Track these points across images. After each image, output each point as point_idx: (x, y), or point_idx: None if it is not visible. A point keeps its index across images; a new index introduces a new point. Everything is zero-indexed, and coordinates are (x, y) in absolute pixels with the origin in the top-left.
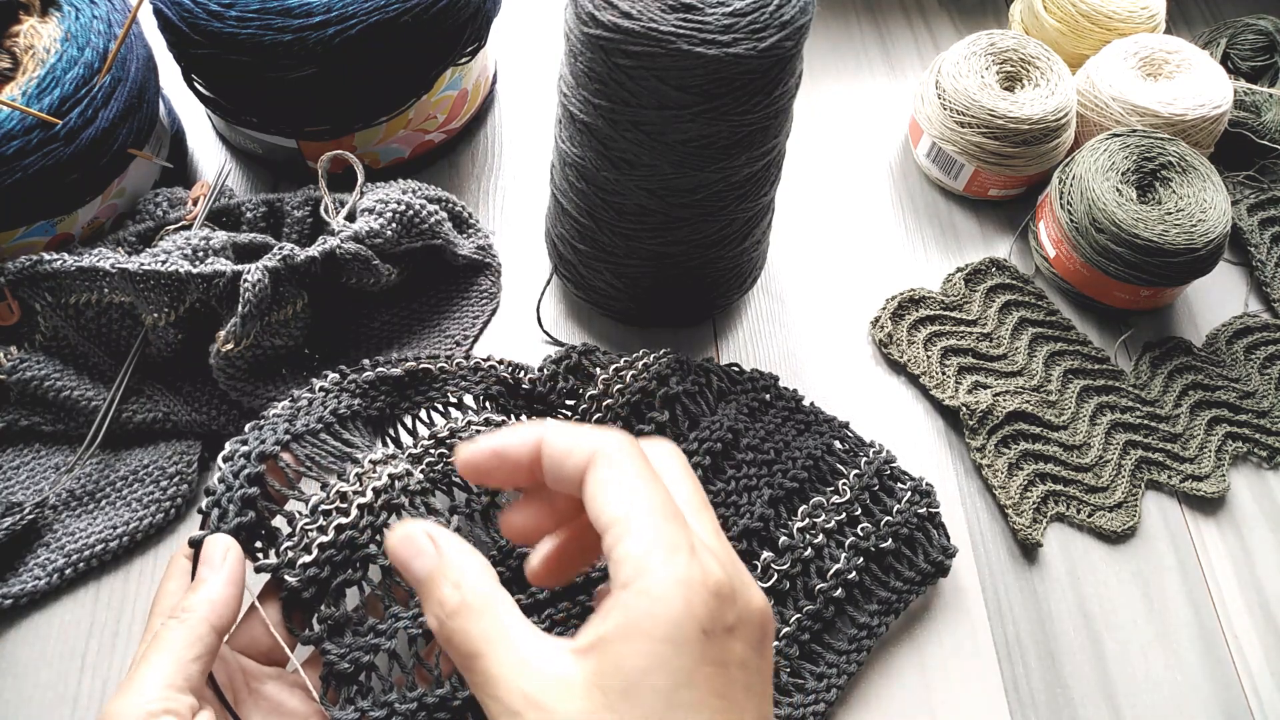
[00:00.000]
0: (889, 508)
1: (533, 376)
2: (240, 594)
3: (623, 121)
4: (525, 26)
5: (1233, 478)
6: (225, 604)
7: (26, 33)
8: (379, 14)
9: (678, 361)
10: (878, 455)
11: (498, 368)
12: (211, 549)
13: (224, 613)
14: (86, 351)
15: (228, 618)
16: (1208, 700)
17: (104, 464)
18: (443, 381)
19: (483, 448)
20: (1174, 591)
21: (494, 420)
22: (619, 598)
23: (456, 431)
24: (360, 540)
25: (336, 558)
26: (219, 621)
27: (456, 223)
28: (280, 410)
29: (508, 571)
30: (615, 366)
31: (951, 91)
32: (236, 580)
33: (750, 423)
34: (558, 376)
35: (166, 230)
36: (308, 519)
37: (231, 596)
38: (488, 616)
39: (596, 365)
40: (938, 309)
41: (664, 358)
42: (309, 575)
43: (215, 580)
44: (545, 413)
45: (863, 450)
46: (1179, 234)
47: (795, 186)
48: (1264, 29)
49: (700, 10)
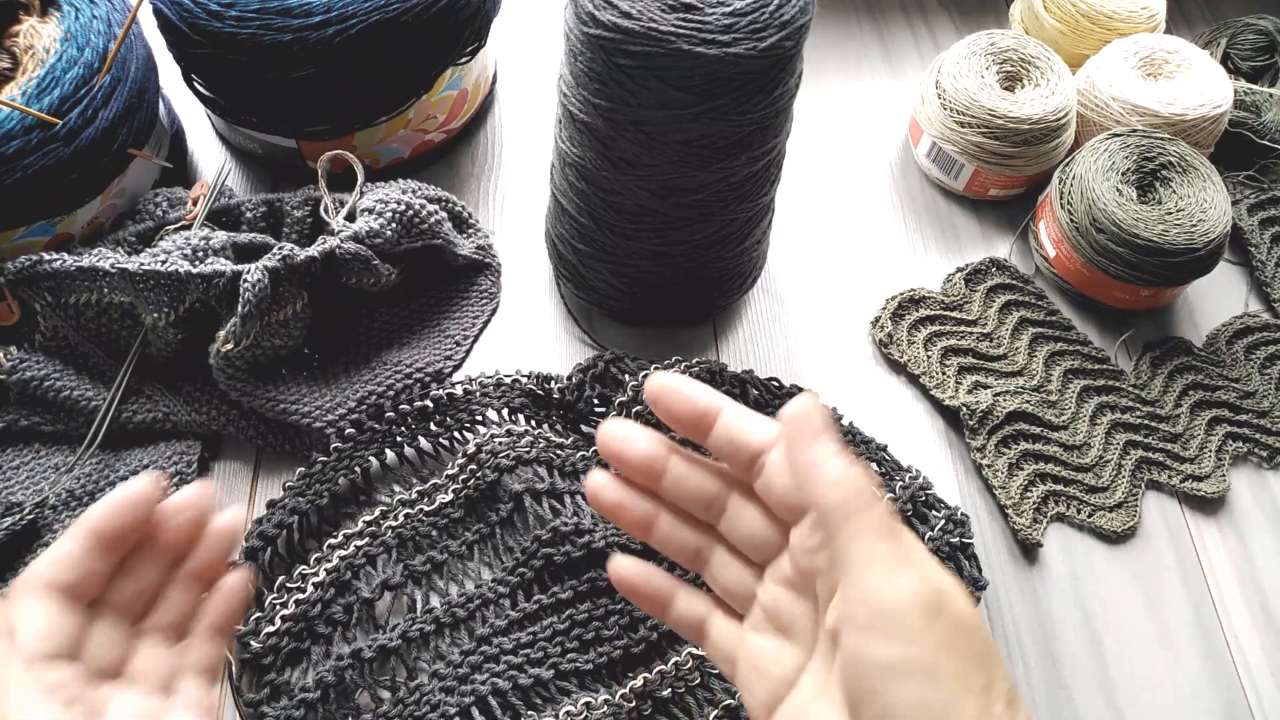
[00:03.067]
0: (921, 534)
1: (561, 385)
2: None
3: (623, 121)
4: (525, 26)
5: (1233, 478)
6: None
7: (26, 33)
8: (379, 14)
9: (709, 371)
10: (914, 480)
11: (521, 381)
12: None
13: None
14: (86, 351)
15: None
16: (1208, 700)
17: (104, 464)
18: (466, 402)
19: (677, 379)
20: (1174, 591)
21: (516, 431)
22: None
23: (482, 445)
24: (312, 614)
25: (294, 629)
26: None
27: (456, 223)
28: (293, 484)
29: (530, 572)
30: (644, 373)
31: (951, 91)
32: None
33: None
34: (585, 385)
35: (166, 230)
36: (274, 595)
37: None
38: None
39: (625, 372)
40: (938, 309)
41: (695, 366)
42: (269, 644)
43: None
44: (575, 421)
45: (899, 475)
46: (1179, 234)
47: (795, 186)
48: (1264, 29)
49: (700, 10)
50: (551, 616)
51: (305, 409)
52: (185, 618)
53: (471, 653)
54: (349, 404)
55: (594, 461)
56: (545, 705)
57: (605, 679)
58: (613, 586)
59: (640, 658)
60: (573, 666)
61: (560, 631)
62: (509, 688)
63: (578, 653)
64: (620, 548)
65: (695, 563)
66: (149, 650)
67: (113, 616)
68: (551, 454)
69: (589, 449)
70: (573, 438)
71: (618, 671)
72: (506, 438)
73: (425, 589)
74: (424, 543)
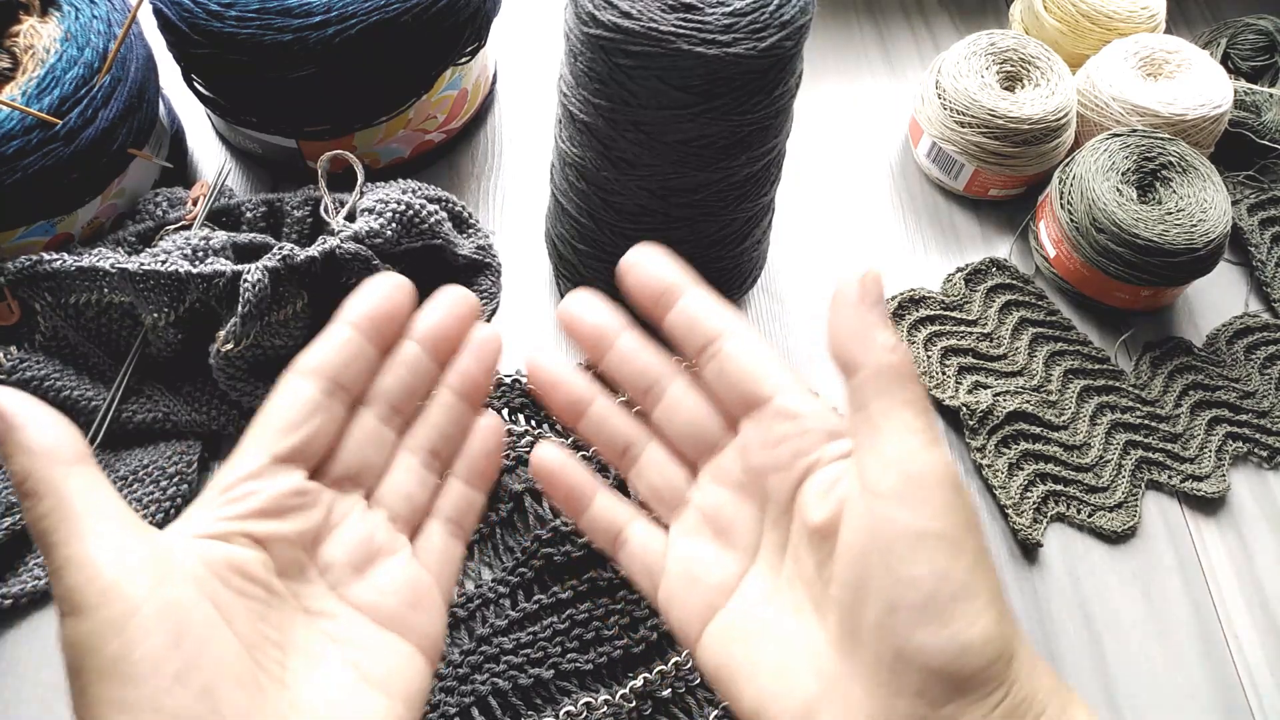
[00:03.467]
0: None
1: None
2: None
3: (623, 121)
4: (525, 26)
5: (1233, 478)
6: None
7: (26, 33)
8: (379, 14)
9: None
10: None
11: (521, 381)
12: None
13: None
14: (86, 351)
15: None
16: (1208, 700)
17: (104, 464)
18: None
19: (656, 256)
20: (1174, 591)
21: (516, 430)
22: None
23: None
24: None
25: None
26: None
27: (456, 223)
28: None
29: (530, 572)
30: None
31: (951, 91)
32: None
33: None
34: None
35: (166, 230)
36: None
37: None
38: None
39: None
40: (938, 309)
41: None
42: None
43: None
44: None
45: None
46: (1179, 234)
47: (795, 186)
48: (1264, 29)
49: (700, 10)
50: (551, 616)
51: None
52: (449, 444)
53: (471, 653)
54: None
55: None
56: (545, 705)
57: (605, 679)
58: (613, 586)
59: (640, 658)
60: (573, 666)
61: (560, 631)
62: (509, 688)
63: (578, 653)
64: None
65: (622, 460)
66: (407, 468)
67: (379, 411)
68: None
69: (589, 449)
70: (573, 438)
71: (618, 671)
72: (507, 438)
73: None
74: None
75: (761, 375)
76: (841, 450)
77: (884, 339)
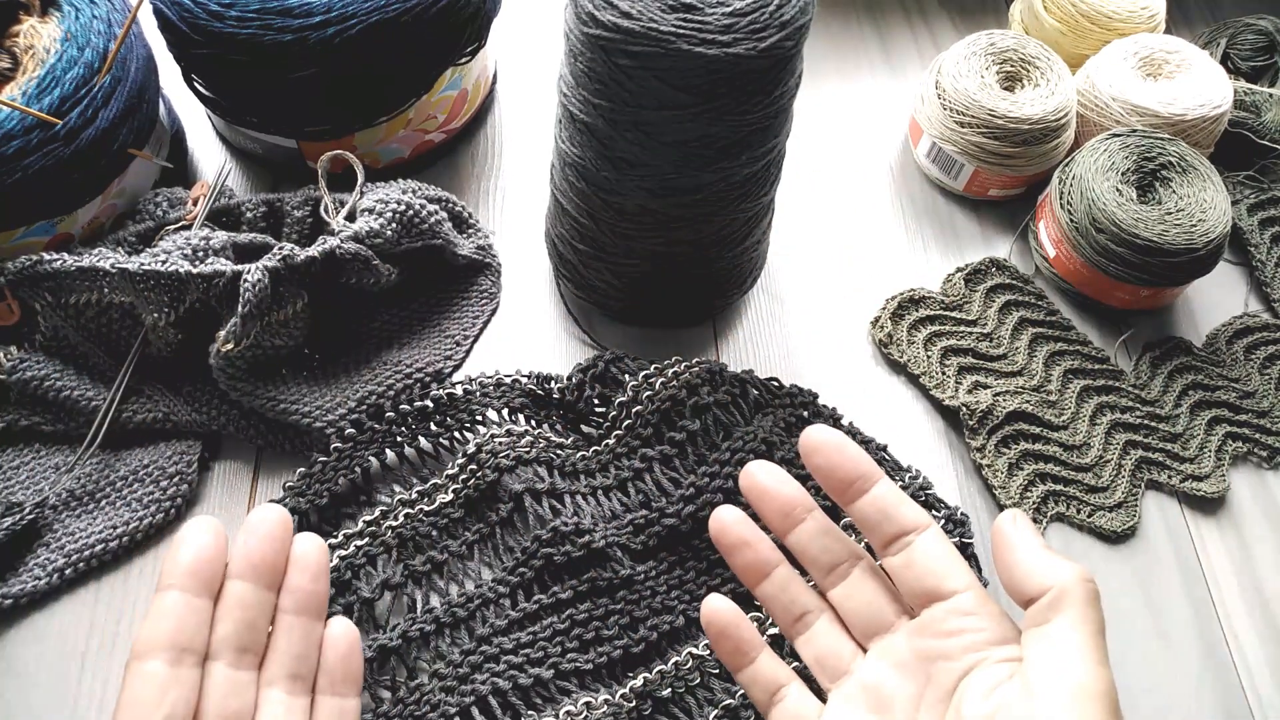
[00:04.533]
0: None
1: (561, 385)
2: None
3: (623, 121)
4: (525, 26)
5: (1233, 478)
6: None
7: (26, 33)
8: (379, 14)
9: (709, 371)
10: (914, 480)
11: (521, 381)
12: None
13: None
14: (86, 351)
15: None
16: (1208, 700)
17: (104, 464)
18: (466, 402)
19: (839, 436)
20: (1174, 591)
21: (516, 430)
22: None
23: (483, 445)
24: None
25: None
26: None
27: (456, 223)
28: (294, 484)
29: (530, 572)
30: (645, 374)
31: (951, 91)
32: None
33: (786, 437)
34: (585, 385)
35: (166, 230)
36: None
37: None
38: None
39: (625, 372)
40: (938, 309)
41: (695, 366)
42: None
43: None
44: (575, 421)
45: (899, 475)
46: (1179, 234)
47: (795, 186)
48: (1264, 29)
49: (700, 10)
50: (551, 616)
51: (305, 409)
52: (306, 664)
53: (472, 652)
54: (349, 404)
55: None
56: (545, 705)
57: (605, 679)
58: (613, 586)
59: (640, 658)
60: (573, 666)
61: (560, 631)
62: (509, 688)
63: (578, 652)
64: (620, 547)
65: (794, 626)
66: (274, 702)
67: (229, 660)
68: (551, 454)
69: (589, 449)
70: (573, 438)
71: (618, 671)
72: (506, 438)
73: (425, 589)
74: (424, 543)
75: (949, 573)
76: (1009, 655)
77: (1073, 567)
